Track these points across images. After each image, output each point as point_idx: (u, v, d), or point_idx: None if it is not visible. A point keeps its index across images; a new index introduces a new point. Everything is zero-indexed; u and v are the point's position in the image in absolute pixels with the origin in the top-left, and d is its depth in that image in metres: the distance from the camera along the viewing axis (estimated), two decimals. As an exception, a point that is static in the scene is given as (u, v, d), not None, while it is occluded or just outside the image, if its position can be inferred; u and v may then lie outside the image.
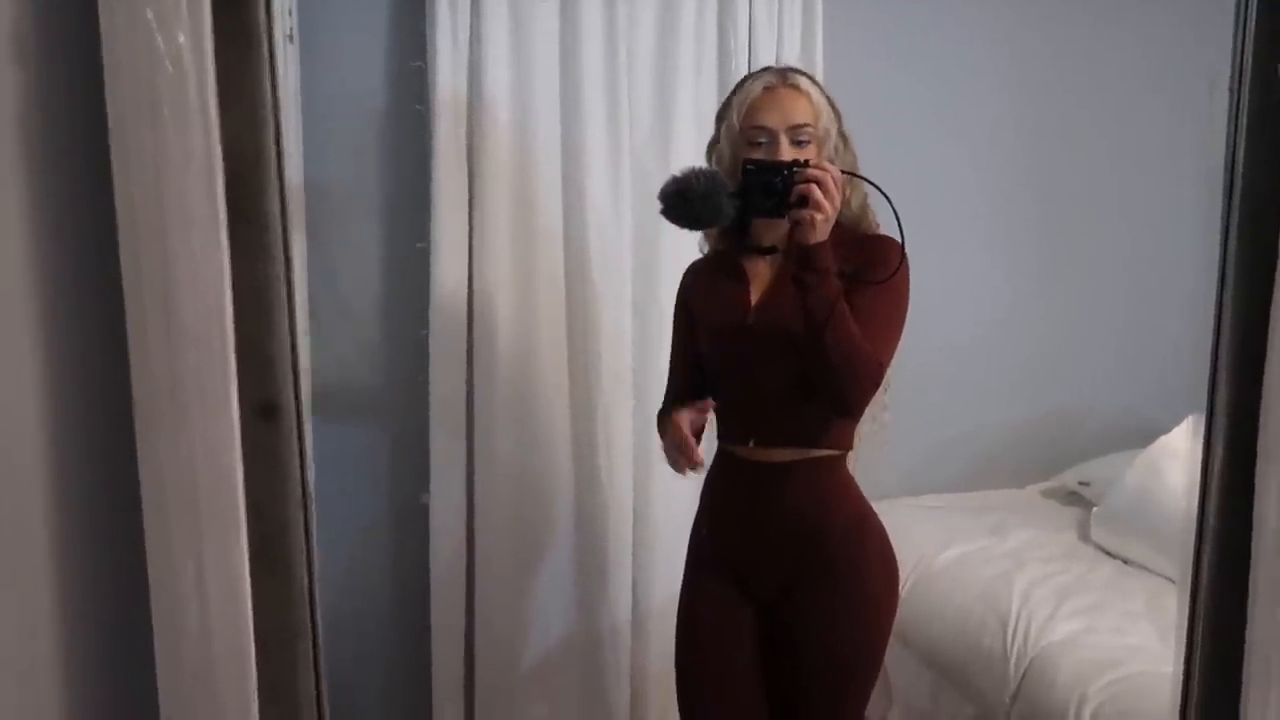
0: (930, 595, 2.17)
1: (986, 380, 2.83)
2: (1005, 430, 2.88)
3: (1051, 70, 2.77)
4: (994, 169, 2.76)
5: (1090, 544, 2.41)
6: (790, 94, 1.54)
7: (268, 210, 0.74)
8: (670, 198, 1.46)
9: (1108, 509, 2.41)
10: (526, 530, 2.26)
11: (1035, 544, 2.38)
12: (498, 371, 2.19)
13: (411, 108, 2.19)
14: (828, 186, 1.41)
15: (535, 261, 2.22)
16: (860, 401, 1.51)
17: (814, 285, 1.43)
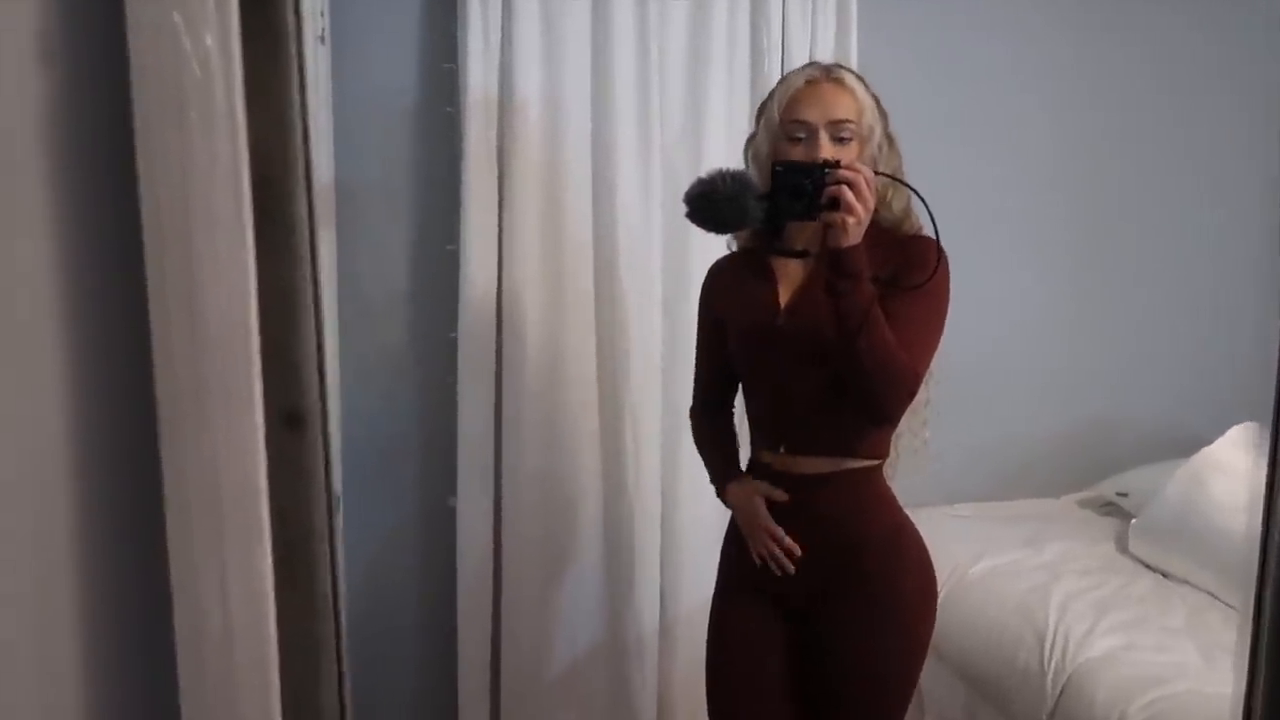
0: (964, 607, 2.12)
1: (1021, 387, 2.78)
2: (1040, 439, 2.83)
3: (1090, 70, 2.71)
4: (1030, 171, 2.71)
5: (1129, 556, 2.36)
6: (833, 89, 1.49)
7: (295, 213, 0.73)
8: (695, 200, 1.43)
9: (1147, 521, 2.35)
10: (554, 534, 2.24)
11: (1072, 556, 2.33)
12: (526, 373, 2.18)
13: (442, 109, 2.19)
14: (860, 188, 1.36)
15: (564, 263, 2.20)
16: (895, 411, 1.47)
17: (846, 291, 1.39)
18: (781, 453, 1.56)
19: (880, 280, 1.43)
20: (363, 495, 2.17)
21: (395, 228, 2.24)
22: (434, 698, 2.31)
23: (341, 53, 2.08)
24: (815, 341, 1.47)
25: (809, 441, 1.53)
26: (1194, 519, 2.23)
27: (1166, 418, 2.85)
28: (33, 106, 0.68)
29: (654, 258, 2.25)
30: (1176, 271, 2.86)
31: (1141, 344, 2.85)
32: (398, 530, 2.29)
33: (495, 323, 2.18)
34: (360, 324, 2.19)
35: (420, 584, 2.32)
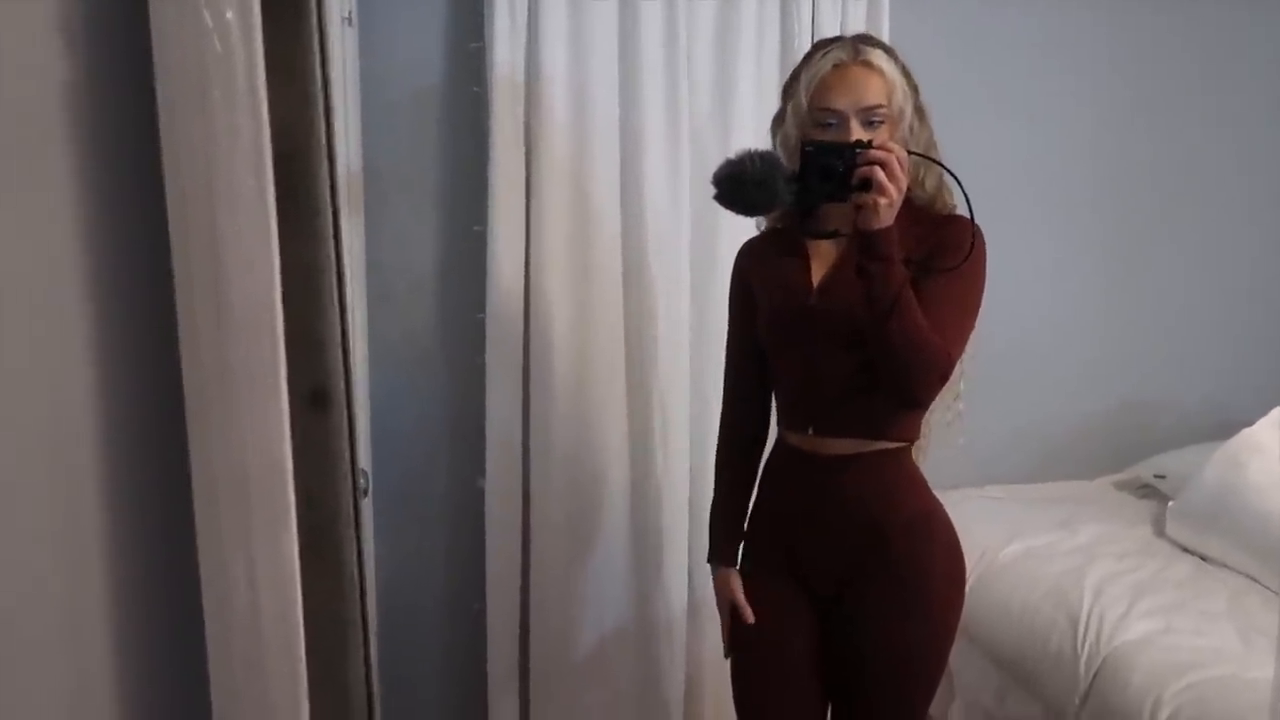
0: (996, 590, 2.10)
1: (1057, 368, 2.74)
2: (1075, 420, 2.78)
3: (1126, 46, 2.65)
4: (1066, 148, 2.66)
5: (1166, 539, 2.32)
6: (862, 72, 1.45)
7: (318, 191, 0.72)
8: (724, 182, 1.41)
9: (1185, 503, 2.31)
10: (582, 516, 2.24)
11: (1107, 539, 2.29)
12: (554, 355, 2.18)
13: (469, 89, 2.17)
14: (892, 168, 1.34)
15: (592, 245, 2.19)
16: (926, 395, 1.45)
17: (877, 274, 1.37)
18: (810, 434, 1.54)
19: (913, 262, 1.41)
20: (391, 476, 2.17)
21: (422, 209, 2.23)
22: (462, 678, 2.32)
23: (368, 34, 2.08)
24: (847, 322, 1.45)
25: (838, 423, 1.51)
26: (1232, 502, 2.19)
27: (1204, 399, 2.80)
28: (56, 88, 0.67)
29: (683, 241, 2.23)
30: (1216, 251, 2.80)
31: (1179, 324, 2.80)
32: (426, 511, 2.30)
33: (523, 305, 2.17)
34: (387, 306, 2.20)
35: (448, 565, 2.33)
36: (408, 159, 2.21)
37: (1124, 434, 2.80)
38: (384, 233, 2.17)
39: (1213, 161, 2.76)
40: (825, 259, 1.55)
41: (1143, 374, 2.79)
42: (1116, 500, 2.62)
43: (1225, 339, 2.80)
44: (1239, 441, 2.30)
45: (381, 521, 2.14)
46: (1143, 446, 2.73)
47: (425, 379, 2.27)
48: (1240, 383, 2.78)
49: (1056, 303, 2.71)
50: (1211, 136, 2.74)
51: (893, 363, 1.40)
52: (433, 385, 2.28)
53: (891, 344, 1.38)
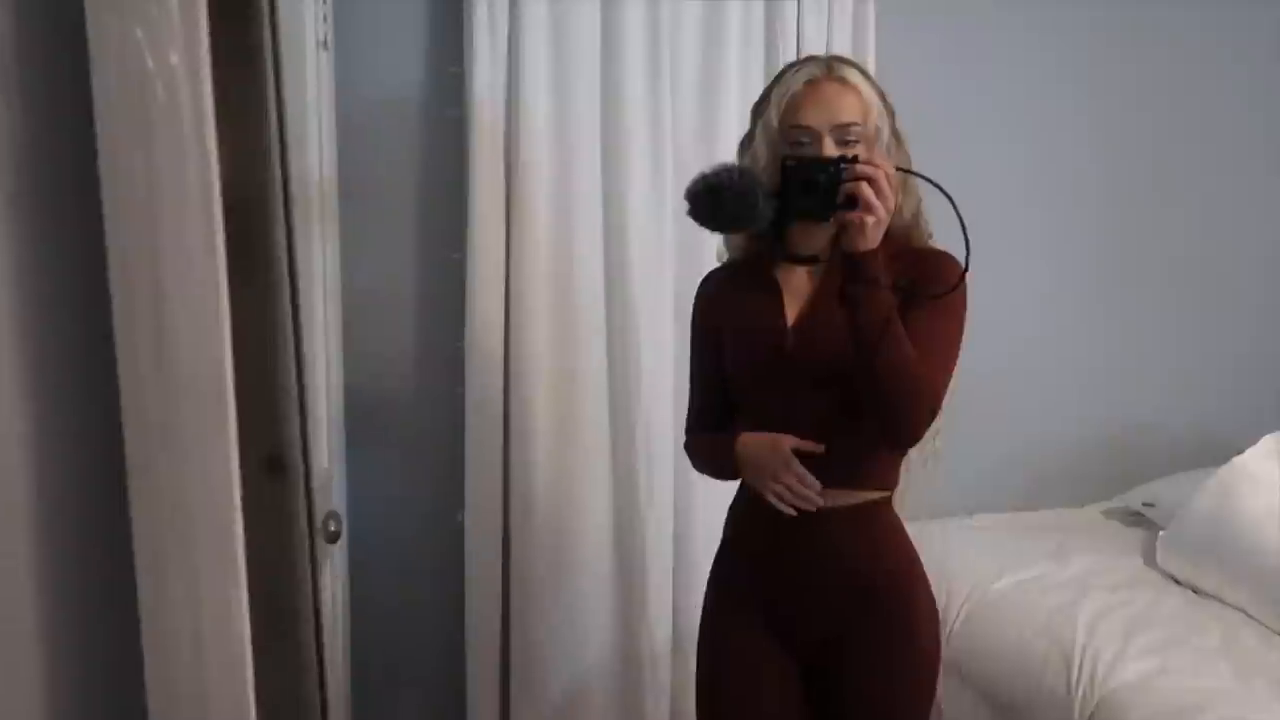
0: (987, 626, 2.06)
1: (1045, 393, 2.71)
2: (1064, 447, 2.75)
3: (1118, 65, 2.64)
4: (1052, 174, 2.64)
5: (1157, 570, 2.29)
6: (836, 88, 1.37)
7: (272, 244, 0.67)
8: (700, 196, 1.32)
9: (1176, 533, 2.28)
10: (564, 549, 2.19)
11: (1098, 570, 2.26)
12: (536, 385, 2.13)
13: (449, 114, 2.13)
14: (880, 185, 1.25)
15: (574, 272, 2.15)
16: (916, 433, 1.35)
17: (864, 300, 1.28)
18: None
19: (899, 288, 1.32)
20: (368, 511, 2.12)
21: (400, 236, 2.19)
22: (445, 712, 2.26)
23: (345, 58, 2.04)
24: (827, 363, 1.38)
25: (817, 471, 1.38)
26: (1224, 533, 2.16)
27: (1195, 426, 2.77)
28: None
29: (666, 267, 2.19)
30: (1206, 275, 2.78)
31: (1169, 349, 2.77)
32: (404, 546, 2.24)
33: (503, 332, 2.12)
34: (365, 334, 2.14)
35: (428, 600, 2.27)
36: (385, 184, 2.16)
37: (1113, 460, 2.77)
38: (361, 260, 2.12)
39: (1204, 185, 2.74)
40: (798, 292, 1.46)
41: (1131, 400, 2.76)
42: (1106, 529, 2.59)
43: (1213, 363, 2.78)
44: (1230, 471, 2.27)
45: (357, 554, 2.08)
46: (1132, 473, 2.70)
47: (402, 410, 2.22)
48: (1229, 407, 2.75)
49: (1044, 328, 2.68)
50: (1204, 159, 2.73)
51: (882, 399, 1.32)
52: (410, 416, 2.23)
53: (881, 378, 1.29)
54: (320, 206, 1.87)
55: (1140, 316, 2.76)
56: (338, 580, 1.86)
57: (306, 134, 1.82)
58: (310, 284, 1.77)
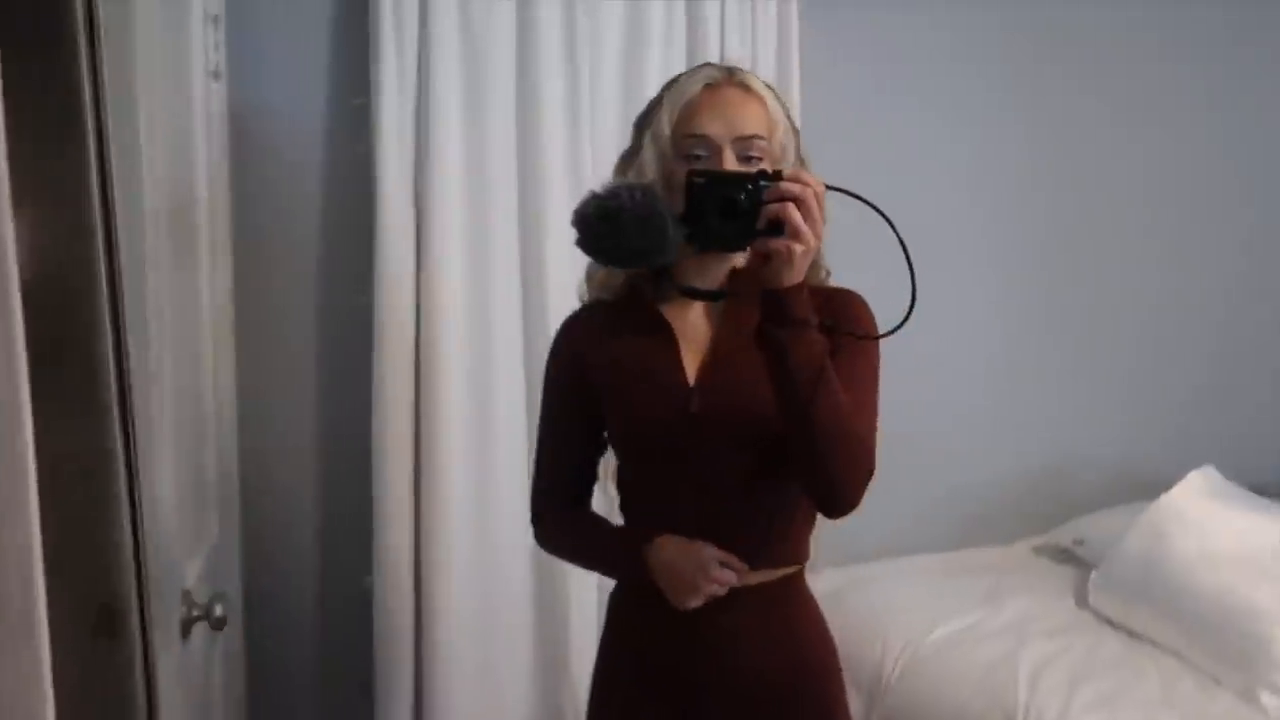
0: (922, 684, 1.98)
1: (974, 430, 2.66)
2: (991, 483, 2.72)
3: (1055, 94, 2.61)
4: (985, 203, 2.61)
5: (1090, 611, 2.25)
6: (739, 95, 1.20)
7: (94, 352, 0.54)
8: (595, 221, 1.11)
9: (1108, 574, 2.25)
10: (482, 613, 2.04)
11: (1033, 614, 2.21)
12: (451, 438, 1.99)
13: (354, 149, 1.99)
14: (809, 207, 1.05)
15: (492, 315, 2.02)
16: (856, 496, 1.16)
17: (792, 343, 1.07)
18: None
19: (825, 328, 1.12)
20: (267, 578, 1.95)
21: (302, 280, 2.03)
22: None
23: (239, 89, 1.89)
24: (745, 422, 1.18)
25: (726, 548, 1.20)
26: (1155, 574, 2.13)
27: (1121, 458, 2.77)
28: None
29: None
30: (1134, 309, 2.78)
31: (1096, 383, 2.76)
32: (306, 616, 2.08)
33: (413, 383, 1.99)
34: (262, 386, 1.98)
35: (333, 673, 2.10)
36: (285, 225, 2.01)
37: (1041, 496, 2.74)
38: (260, 311, 1.96)
39: (1134, 219, 2.74)
40: (696, 337, 1.24)
41: (1059, 434, 2.75)
42: (1038, 567, 2.55)
43: (1139, 396, 2.78)
44: (1159, 510, 2.26)
45: (254, 629, 1.91)
46: (1061, 508, 2.67)
47: (304, 469, 2.06)
48: (1156, 441, 2.76)
49: (971, 361, 2.65)
50: (1135, 194, 2.73)
51: (819, 459, 1.12)
52: (313, 474, 2.06)
53: (818, 435, 1.09)
54: (211, 248, 1.71)
55: (1067, 351, 2.75)
56: (233, 669, 1.69)
57: (195, 171, 1.67)
58: (200, 333, 1.62)
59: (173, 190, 1.46)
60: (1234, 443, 2.74)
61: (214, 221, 1.74)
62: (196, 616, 1.31)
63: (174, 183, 1.48)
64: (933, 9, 2.46)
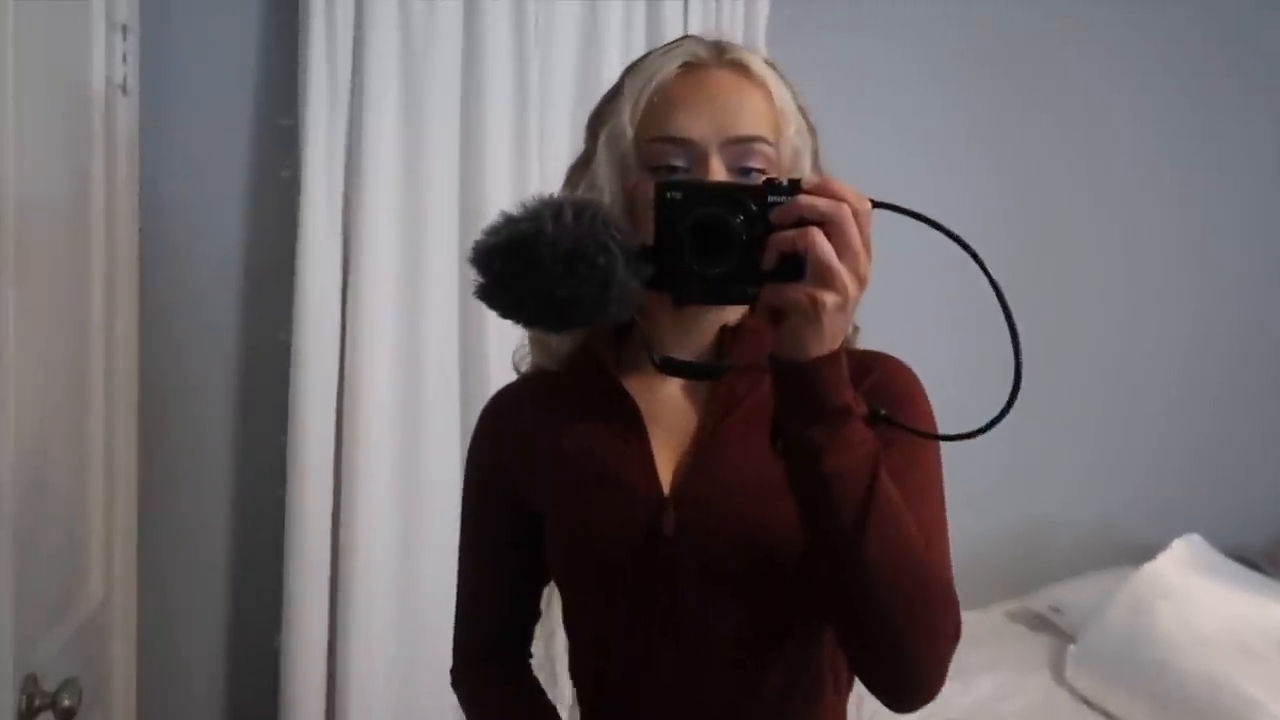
0: (885, 775, 1.80)
1: (947, 485, 2.51)
2: (968, 543, 2.50)
3: (1030, 131, 2.48)
4: (953, 249, 2.46)
5: (1066, 688, 2.09)
6: (731, 80, 0.86)
7: None
8: (493, 259, 0.76)
9: (1087, 649, 2.09)
10: (409, 685, 1.86)
11: (1006, 691, 2.04)
12: (373, 486, 1.81)
13: (278, 174, 1.83)
14: (844, 232, 0.69)
15: (424, 360, 1.86)
16: (940, 670, 0.81)
17: (828, 448, 0.72)
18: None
19: (876, 418, 0.77)
20: (166, 643, 1.77)
21: (215, 314, 1.86)
22: None
23: (152, 106, 1.75)
24: (738, 550, 0.84)
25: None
26: (1138, 652, 1.98)
27: (1099, 519, 2.63)
28: None
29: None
30: (1110, 358, 2.64)
31: (1074, 443, 2.62)
32: (213, 681, 1.89)
33: (335, 429, 1.82)
34: (169, 428, 1.81)
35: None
36: (199, 254, 1.85)
37: (1015, 558, 2.59)
38: (169, 350, 1.80)
39: (1100, 267, 2.62)
40: (675, 422, 0.90)
41: (1035, 495, 2.60)
42: (1011, 634, 2.39)
43: (1118, 456, 2.65)
44: (1143, 581, 2.11)
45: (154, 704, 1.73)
46: (1037, 572, 2.52)
47: (214, 514, 1.88)
48: (1136, 502, 2.62)
49: (936, 414, 2.50)
50: (1102, 238, 2.61)
51: (878, 618, 0.75)
52: (219, 520, 1.88)
53: (875, 580, 0.74)
54: (108, 277, 1.55)
55: (1042, 403, 2.60)
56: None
57: (90, 188, 1.51)
58: (86, 364, 1.46)
59: (53, 208, 1.31)
60: (1218, 504, 2.61)
61: (113, 246, 1.59)
62: (40, 706, 1.14)
63: (57, 201, 1.33)
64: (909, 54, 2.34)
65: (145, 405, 1.72)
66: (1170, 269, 2.66)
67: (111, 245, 1.58)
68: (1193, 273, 2.68)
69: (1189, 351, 2.68)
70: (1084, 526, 2.62)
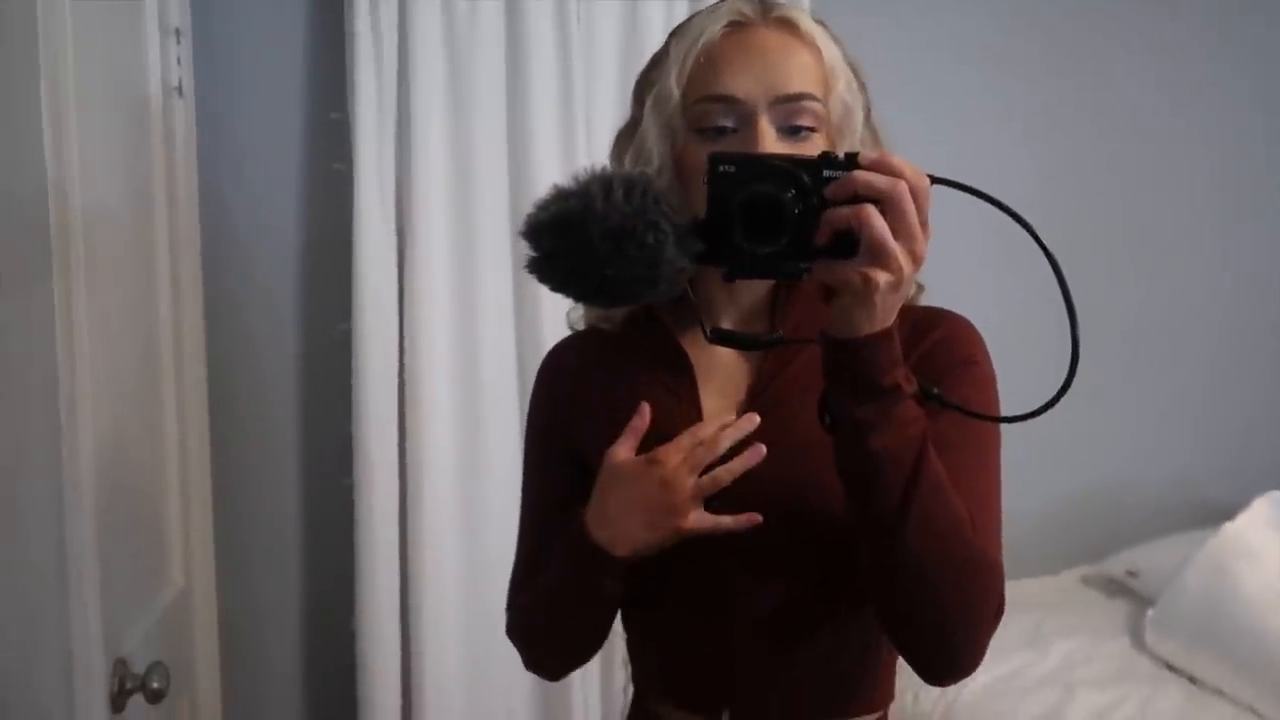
0: (962, 744, 1.79)
1: (1017, 450, 2.46)
2: (1039, 507, 2.50)
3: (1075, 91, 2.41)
4: (1020, 204, 2.40)
5: (1147, 654, 2.04)
6: (778, 39, 0.84)
7: None
8: (544, 236, 0.77)
9: (1167, 613, 2.04)
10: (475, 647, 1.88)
11: (1083, 657, 2.01)
12: (437, 469, 1.84)
13: (331, 167, 1.86)
14: (902, 211, 0.69)
15: (481, 345, 1.87)
16: (979, 648, 0.80)
17: (873, 427, 0.72)
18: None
19: (928, 396, 0.76)
20: (247, 626, 1.82)
21: (277, 309, 1.90)
22: None
23: (206, 107, 1.78)
24: (800, 512, 0.84)
25: (775, 700, 0.88)
26: (1222, 615, 1.92)
27: (1174, 481, 2.56)
28: None
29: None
30: (1186, 318, 2.56)
31: (1146, 402, 2.55)
32: (290, 665, 1.94)
33: (398, 419, 1.84)
34: (238, 418, 1.86)
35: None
36: (257, 250, 1.88)
37: (1092, 522, 2.54)
38: (232, 343, 1.84)
39: (1177, 220, 2.54)
40: (730, 381, 0.89)
41: (1109, 456, 2.53)
42: (1086, 600, 2.35)
43: (1197, 412, 2.57)
44: (1222, 541, 2.05)
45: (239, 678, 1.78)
46: (1113, 535, 2.46)
47: (282, 497, 1.92)
48: (1213, 463, 2.54)
49: (1007, 377, 2.44)
50: (1165, 202, 2.52)
51: (919, 597, 0.76)
52: (291, 507, 1.93)
53: (917, 562, 0.74)
54: (174, 274, 1.59)
55: (1117, 362, 2.54)
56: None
57: (152, 196, 1.55)
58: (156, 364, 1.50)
59: (118, 211, 1.35)
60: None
61: (176, 245, 1.62)
62: (130, 689, 1.18)
63: (121, 204, 1.37)
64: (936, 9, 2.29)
65: (214, 399, 1.76)
66: (1229, 220, 2.56)
67: (174, 244, 1.62)
68: (1255, 222, 2.58)
69: (1258, 304, 2.59)
70: (1159, 488, 2.55)
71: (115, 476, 1.24)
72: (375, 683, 1.82)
